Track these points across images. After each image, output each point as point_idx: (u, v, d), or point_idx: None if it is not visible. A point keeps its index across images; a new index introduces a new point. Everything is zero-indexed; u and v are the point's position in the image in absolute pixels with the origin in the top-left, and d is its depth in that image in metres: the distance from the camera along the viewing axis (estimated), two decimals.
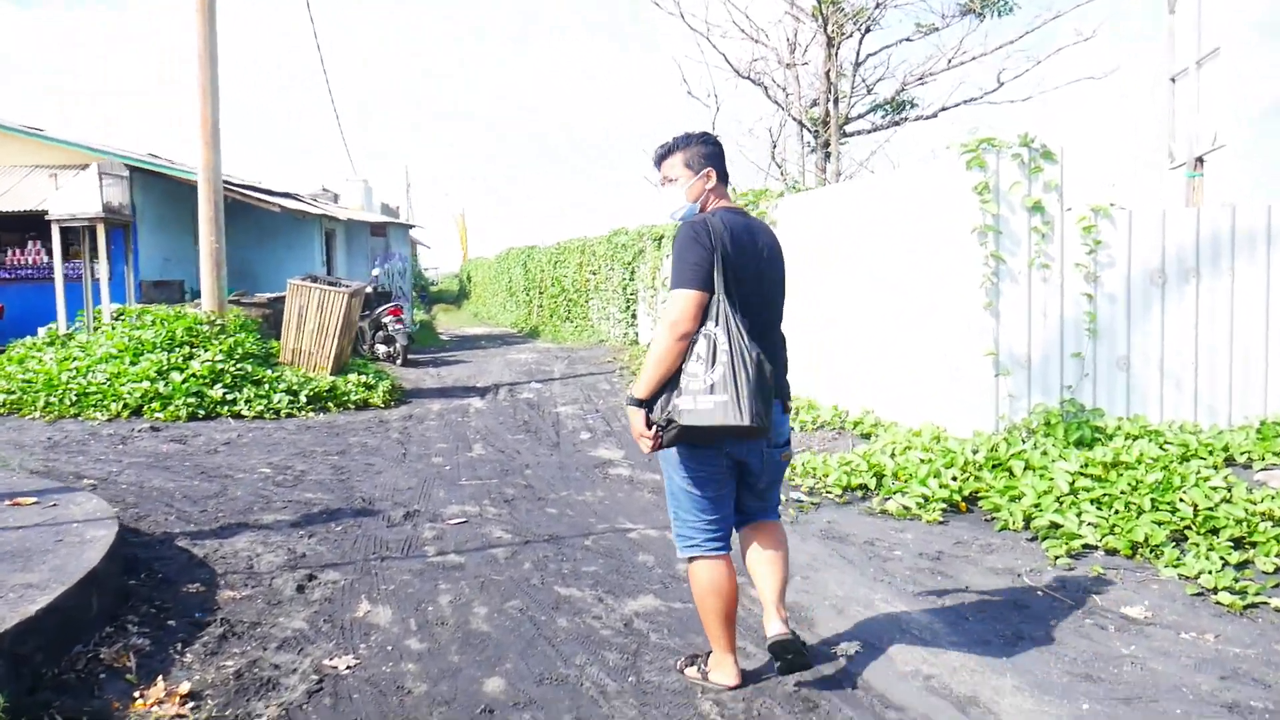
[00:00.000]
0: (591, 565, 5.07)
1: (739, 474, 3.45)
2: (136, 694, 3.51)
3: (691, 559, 3.44)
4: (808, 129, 19.58)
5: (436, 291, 50.99)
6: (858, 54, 18.64)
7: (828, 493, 6.62)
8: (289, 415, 10.05)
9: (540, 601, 4.52)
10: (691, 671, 3.59)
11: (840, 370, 9.03)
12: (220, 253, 10.91)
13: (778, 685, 3.56)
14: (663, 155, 3.55)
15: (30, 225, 14.35)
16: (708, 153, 3.49)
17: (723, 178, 3.51)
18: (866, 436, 8.14)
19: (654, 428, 3.23)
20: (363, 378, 11.30)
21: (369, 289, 16.04)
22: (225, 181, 16.23)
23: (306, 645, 3.99)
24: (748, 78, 18.42)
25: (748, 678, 3.57)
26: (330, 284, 12.07)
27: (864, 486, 6.68)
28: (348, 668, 3.78)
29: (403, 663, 3.83)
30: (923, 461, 6.76)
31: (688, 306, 3.16)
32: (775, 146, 19.68)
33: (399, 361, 15.08)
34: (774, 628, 3.41)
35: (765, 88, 18.65)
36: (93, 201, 11.80)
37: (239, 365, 10.39)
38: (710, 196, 3.49)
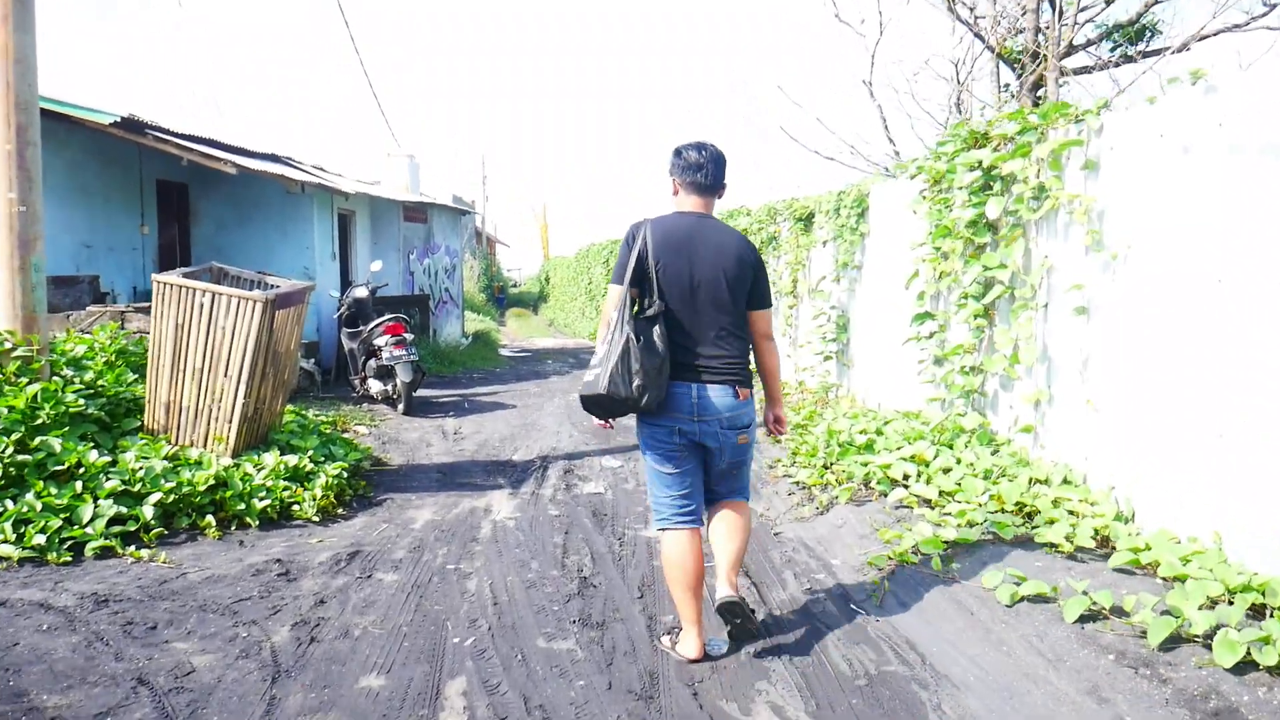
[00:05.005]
0: None
1: (703, 457, 3.91)
2: None
3: (662, 529, 3.93)
4: (1008, 64, 14.11)
5: (517, 294, 48.27)
6: None
7: None
8: (103, 552, 5.10)
9: None
10: (665, 640, 4.02)
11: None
12: (27, 222, 6.07)
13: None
14: None
15: None
16: (673, 164, 3.98)
17: (691, 186, 3.92)
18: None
19: None
20: (290, 459, 6.31)
21: (361, 292, 11.11)
22: (167, 133, 11.59)
23: None
24: None
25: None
26: (254, 282, 7.12)
27: None
28: None
29: None
30: None
31: (610, 298, 3.81)
32: (960, 89, 14.32)
33: (400, 406, 10.07)
34: (722, 591, 3.87)
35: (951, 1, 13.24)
36: None
37: (38, 441, 5.51)
38: (673, 202, 4.00)
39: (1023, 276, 6.22)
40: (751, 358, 4.03)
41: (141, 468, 5.67)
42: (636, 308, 3.77)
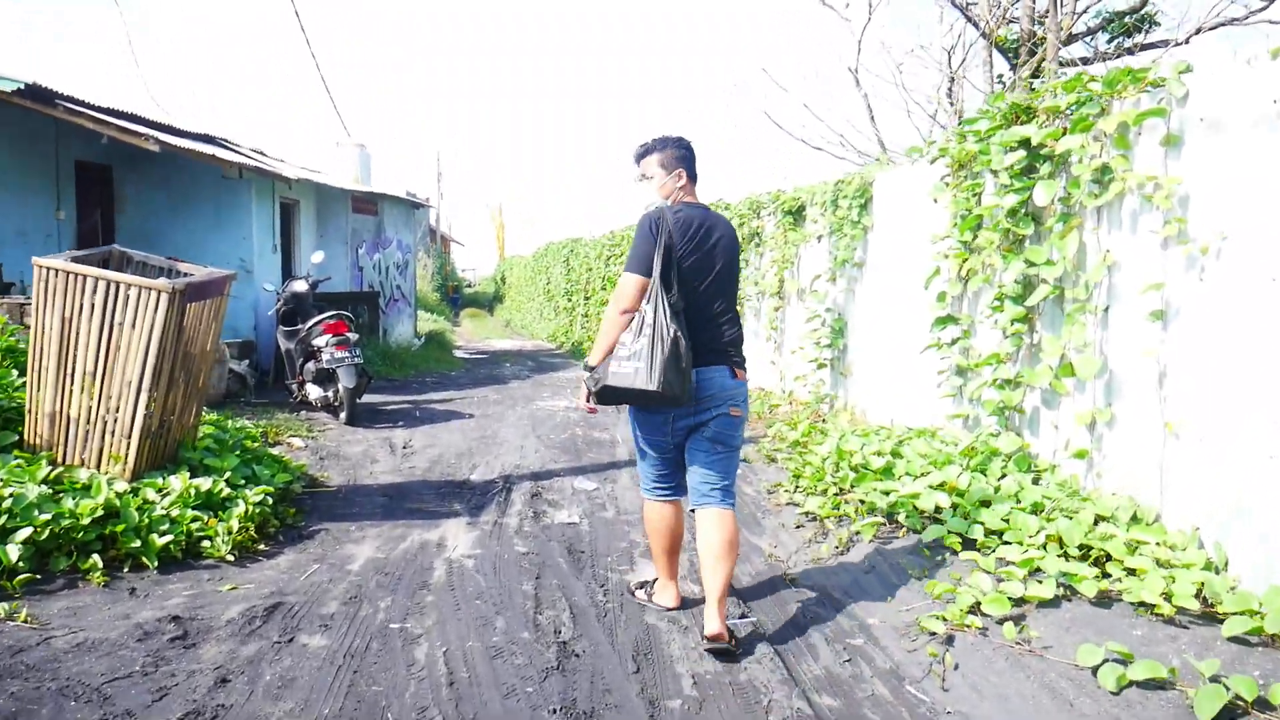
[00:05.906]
0: None
1: (691, 431, 3.96)
2: None
3: (645, 498, 4.18)
4: (1002, 53, 13.34)
5: (472, 294, 47.14)
6: None
7: None
8: None
9: None
10: (640, 593, 4.38)
11: None
12: None
13: None
14: (641, 154, 4.08)
15: None
16: (680, 155, 4.03)
17: (692, 178, 4.05)
18: None
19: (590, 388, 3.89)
20: (202, 482, 5.24)
21: (300, 285, 10.02)
22: (81, 104, 10.38)
23: None
24: None
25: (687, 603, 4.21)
26: (163, 269, 6.04)
27: None
28: None
29: None
30: None
31: (630, 288, 3.80)
32: (952, 81, 13.51)
33: (342, 414, 8.98)
34: (711, 626, 3.78)
35: None
36: None
37: None
38: (679, 193, 4.01)
39: (1077, 274, 5.33)
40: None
41: (11, 494, 4.57)
42: (656, 300, 3.76)
